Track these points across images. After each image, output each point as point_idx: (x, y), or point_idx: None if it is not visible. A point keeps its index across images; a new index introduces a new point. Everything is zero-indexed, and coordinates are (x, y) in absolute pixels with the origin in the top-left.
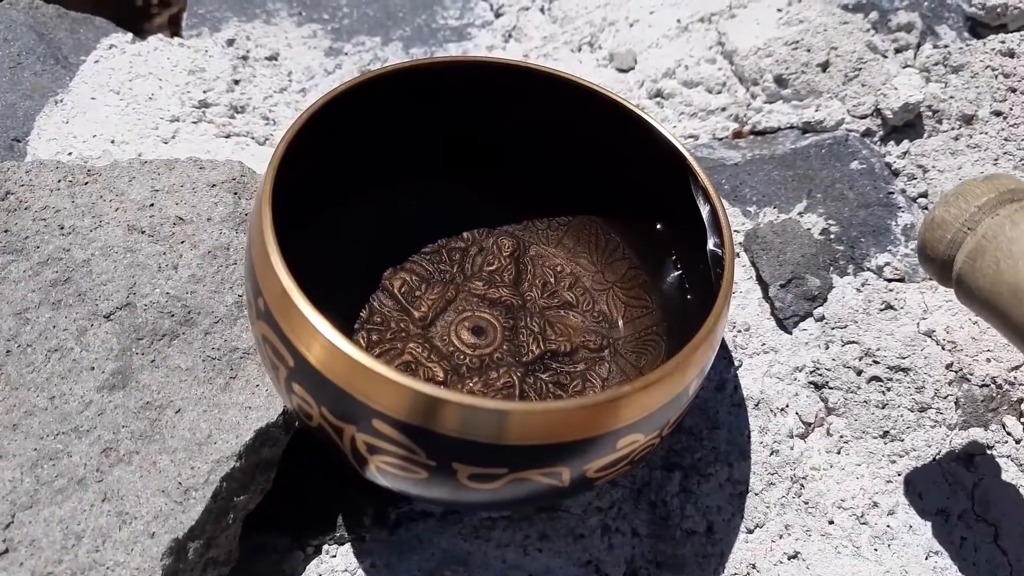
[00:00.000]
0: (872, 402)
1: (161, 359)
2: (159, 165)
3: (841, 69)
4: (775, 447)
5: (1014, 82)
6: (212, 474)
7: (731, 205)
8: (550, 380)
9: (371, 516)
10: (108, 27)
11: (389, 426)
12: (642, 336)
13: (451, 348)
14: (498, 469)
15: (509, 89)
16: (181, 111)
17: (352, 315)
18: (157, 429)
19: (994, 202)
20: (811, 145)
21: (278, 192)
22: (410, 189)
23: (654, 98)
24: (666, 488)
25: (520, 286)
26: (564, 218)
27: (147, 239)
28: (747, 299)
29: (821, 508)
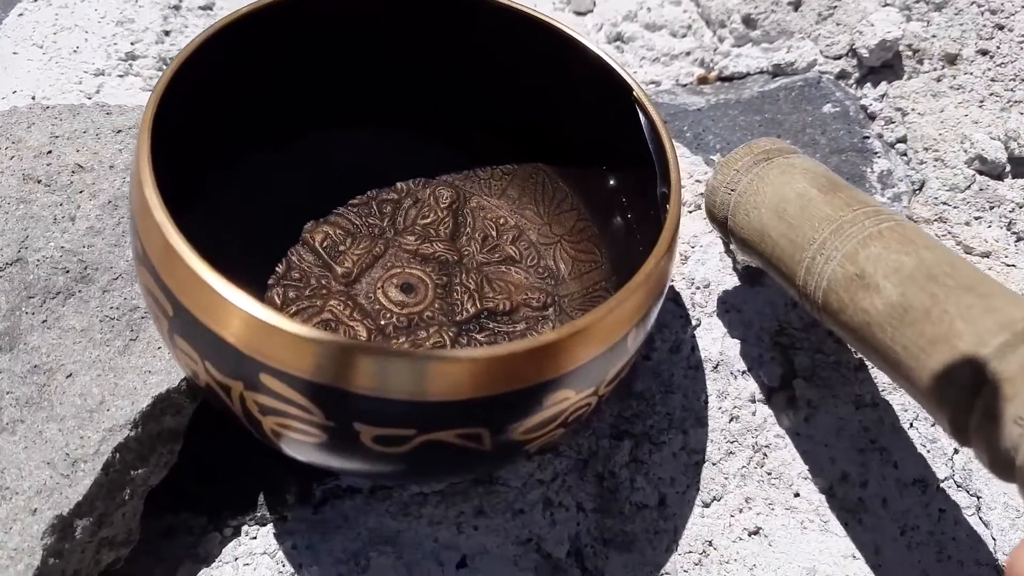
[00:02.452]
0: (843, 363)
1: (54, 319)
2: (62, 110)
3: (814, 7)
4: (735, 413)
5: (1001, 18)
6: (103, 444)
7: (692, 153)
8: (485, 340)
9: (294, 494)
10: None
11: (279, 381)
12: (590, 292)
13: (377, 306)
14: (405, 430)
15: (440, 19)
16: (107, 64)
17: (268, 270)
18: (45, 395)
19: (749, 163)
20: (780, 88)
21: (164, 128)
22: (339, 136)
23: (614, 42)
24: (614, 458)
25: (457, 240)
26: (509, 166)
27: (43, 189)
28: (707, 254)
29: (785, 479)
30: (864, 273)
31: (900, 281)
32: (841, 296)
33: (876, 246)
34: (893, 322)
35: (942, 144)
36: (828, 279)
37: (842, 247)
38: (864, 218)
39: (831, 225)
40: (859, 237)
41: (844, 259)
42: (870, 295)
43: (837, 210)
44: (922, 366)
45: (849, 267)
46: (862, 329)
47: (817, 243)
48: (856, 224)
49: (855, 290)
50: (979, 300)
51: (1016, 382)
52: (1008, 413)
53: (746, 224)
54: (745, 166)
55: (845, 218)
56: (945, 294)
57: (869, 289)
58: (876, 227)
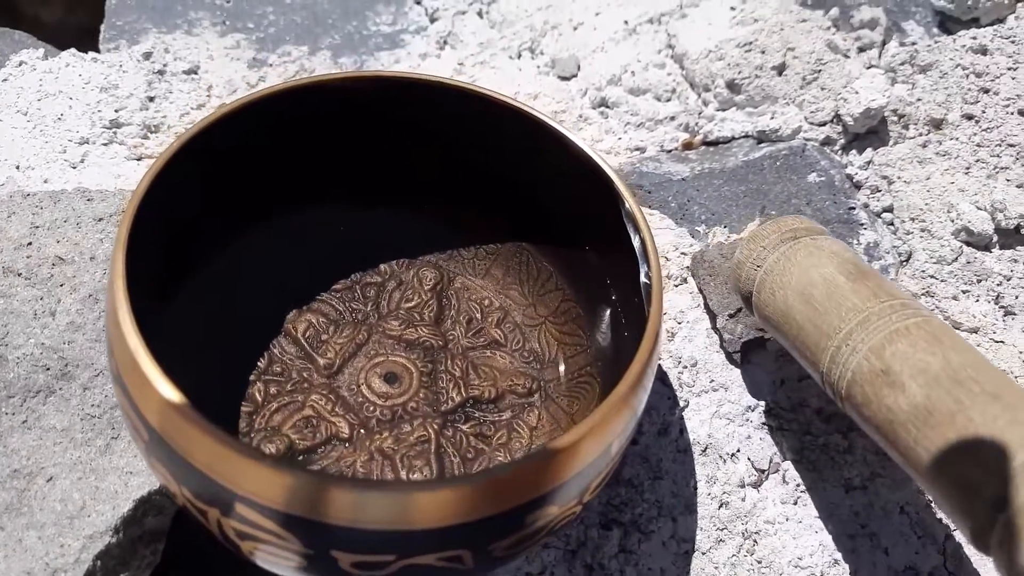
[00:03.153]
0: (832, 446)
1: (34, 419)
2: (42, 198)
3: (799, 72)
4: (724, 499)
5: (986, 82)
6: (84, 552)
7: (678, 225)
8: (471, 431)
9: None
10: (26, 41)
11: (255, 512)
12: (576, 377)
13: (359, 399)
14: (385, 556)
15: (421, 106)
16: (91, 132)
17: (249, 365)
18: (25, 501)
19: (776, 241)
20: (765, 156)
21: (144, 232)
22: (322, 219)
23: (598, 107)
24: (603, 549)
25: (442, 324)
26: (492, 246)
27: (23, 282)
28: (694, 330)
29: (776, 567)
30: (890, 370)
31: (926, 383)
32: (865, 390)
33: (903, 343)
34: (917, 423)
35: (928, 214)
36: (853, 371)
37: (868, 340)
38: (891, 312)
39: (858, 316)
40: (886, 332)
41: (870, 352)
42: (895, 393)
43: (864, 300)
44: (945, 473)
45: (875, 362)
46: (885, 426)
47: (843, 333)
48: (883, 318)
49: (880, 386)
50: (1005, 411)
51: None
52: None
53: (771, 303)
54: (772, 243)
55: (872, 310)
56: (971, 400)
57: (895, 387)
58: (903, 322)
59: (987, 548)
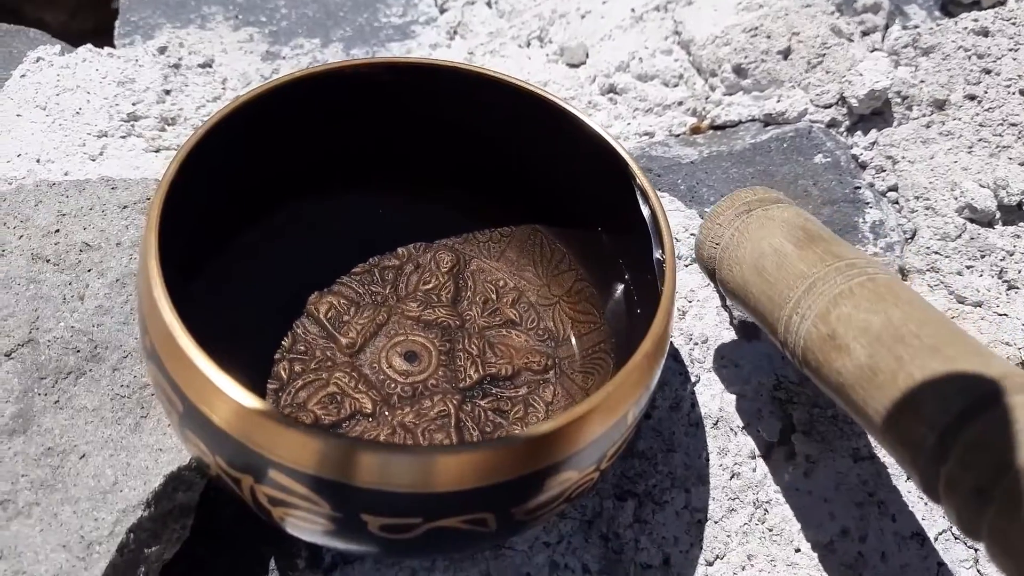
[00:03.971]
0: (840, 417)
1: (66, 399)
2: (68, 187)
3: (804, 56)
4: (736, 470)
5: (988, 63)
6: (117, 525)
7: (687, 206)
8: (489, 407)
9: (305, 558)
10: (41, 38)
11: (287, 477)
12: (590, 354)
13: (381, 376)
14: (412, 519)
15: (434, 91)
16: (109, 125)
17: (274, 344)
18: (59, 477)
19: (731, 217)
20: (772, 139)
21: (172, 217)
22: (339, 205)
23: (607, 94)
24: (618, 519)
25: (459, 305)
26: (507, 228)
27: (52, 268)
28: (705, 308)
29: (787, 535)
30: (835, 334)
31: (868, 342)
32: (817, 356)
33: (847, 305)
34: (864, 384)
35: (932, 192)
36: (804, 338)
37: (815, 306)
38: (836, 274)
39: (804, 283)
40: (830, 296)
41: (817, 319)
42: (841, 356)
43: (811, 266)
44: (892, 430)
45: (822, 327)
46: (837, 390)
47: (792, 301)
48: (828, 281)
49: (828, 351)
50: (943, 364)
51: (974, 450)
52: (967, 483)
53: (730, 279)
54: (727, 219)
55: (818, 275)
56: (911, 356)
57: (840, 350)
58: (847, 284)
59: (937, 499)
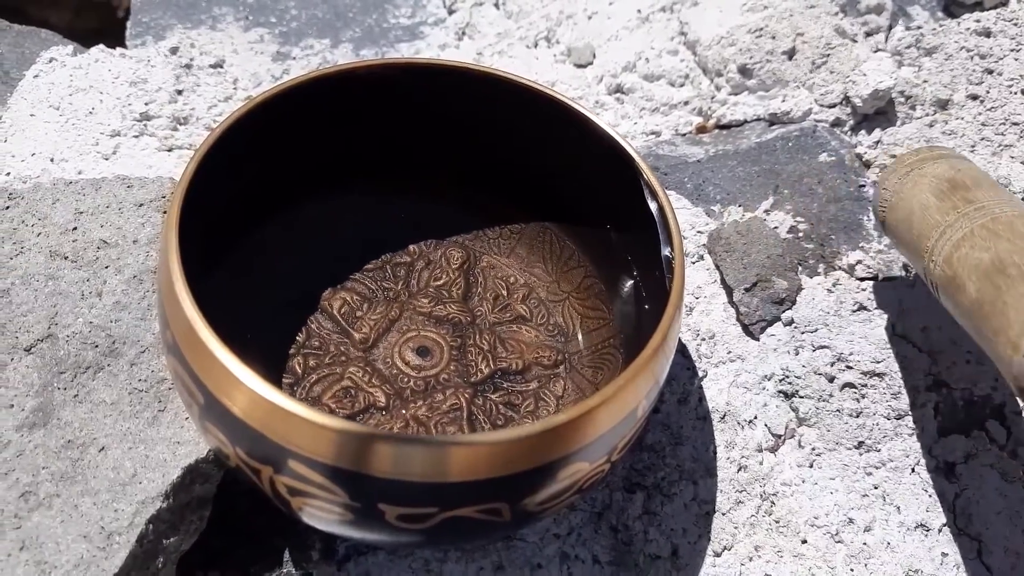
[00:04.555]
0: (845, 411)
1: (84, 393)
2: (84, 185)
3: (808, 56)
4: (743, 462)
5: (991, 63)
6: (137, 516)
7: (694, 204)
8: (501, 400)
9: (319, 550)
10: (53, 39)
11: (307, 467)
12: (599, 349)
13: (394, 371)
14: (428, 508)
15: (445, 92)
16: (122, 125)
17: (288, 339)
18: (79, 469)
19: (894, 181)
20: (777, 138)
21: (190, 215)
22: (352, 203)
23: (614, 94)
24: (628, 511)
25: (470, 301)
26: (517, 226)
27: (70, 265)
28: (711, 304)
29: (793, 527)
30: (956, 275)
31: (978, 278)
32: (946, 299)
33: (965, 247)
34: (975, 318)
35: None
36: (936, 283)
37: (942, 252)
38: (964, 219)
39: (938, 231)
40: (954, 240)
41: (944, 263)
42: (959, 295)
43: (944, 215)
44: (995, 357)
45: (947, 270)
46: (966, 327)
47: (929, 250)
48: (956, 227)
49: (952, 291)
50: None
51: None
52: None
53: (893, 238)
54: (891, 183)
55: (949, 222)
56: (1008, 285)
57: (959, 290)
58: (970, 226)
59: None
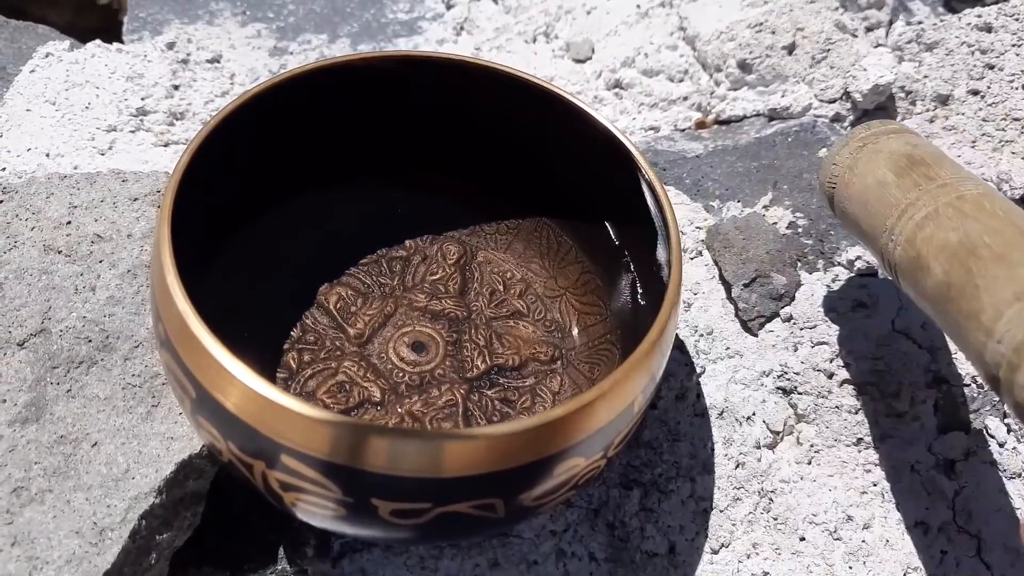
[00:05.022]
0: (844, 407)
1: (78, 388)
2: (79, 179)
3: (808, 51)
4: (741, 459)
5: (991, 58)
6: (130, 512)
7: (692, 200)
8: (496, 396)
9: (313, 547)
10: (49, 34)
11: (299, 462)
12: (596, 345)
13: (389, 366)
14: (422, 504)
15: (443, 85)
16: (118, 120)
17: (283, 334)
18: (72, 464)
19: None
20: (777, 133)
21: (184, 208)
22: (347, 197)
23: (612, 89)
24: (624, 507)
25: (466, 296)
26: (513, 221)
27: (64, 259)
28: (710, 300)
29: (791, 524)
30: (919, 255)
31: (946, 259)
32: (907, 280)
33: (931, 226)
34: (941, 300)
35: None
36: (896, 264)
37: (904, 231)
38: (927, 197)
39: (898, 209)
40: (917, 219)
41: (906, 243)
42: (924, 276)
43: (905, 192)
44: (964, 343)
45: (909, 251)
46: (927, 310)
47: (888, 229)
48: (918, 205)
49: (914, 272)
50: (1006, 270)
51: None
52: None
53: (844, 216)
54: (842, 158)
55: (910, 200)
56: (979, 267)
57: (923, 270)
58: (935, 205)
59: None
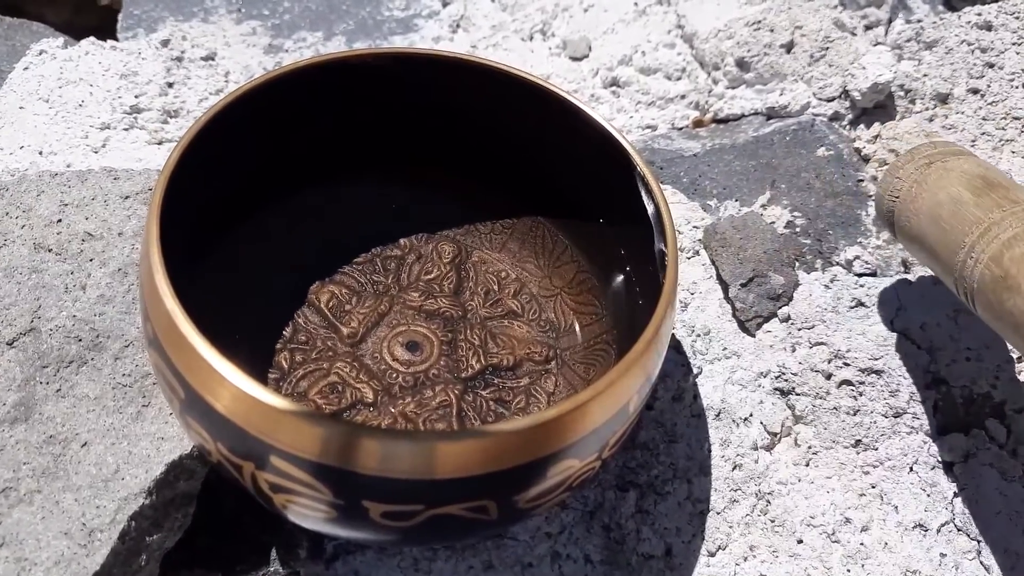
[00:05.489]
0: (843, 408)
1: (67, 388)
2: (70, 177)
3: (806, 49)
4: (738, 461)
5: (991, 57)
6: (119, 513)
7: (690, 199)
8: (491, 397)
9: (306, 549)
10: (44, 32)
11: (289, 464)
12: (591, 345)
13: (383, 366)
14: (413, 506)
15: (438, 83)
16: (112, 118)
17: (275, 334)
18: (61, 465)
19: (910, 171)
20: (774, 132)
21: (174, 206)
22: (341, 195)
23: (610, 87)
24: (620, 509)
25: (461, 295)
26: (508, 220)
27: (54, 258)
28: (707, 300)
29: (789, 526)
30: (1008, 275)
31: None
32: (989, 298)
33: (1021, 246)
34: None
35: None
36: (978, 281)
37: (988, 249)
38: (1012, 218)
39: (979, 227)
40: (1004, 238)
41: (990, 261)
42: (1014, 296)
43: (987, 212)
44: None
45: (995, 269)
46: (1011, 329)
47: (967, 246)
48: (1003, 225)
49: (1000, 291)
50: None
51: None
52: None
53: (908, 229)
54: (907, 173)
55: (993, 219)
56: None
57: (1012, 291)
58: (1022, 227)
59: None
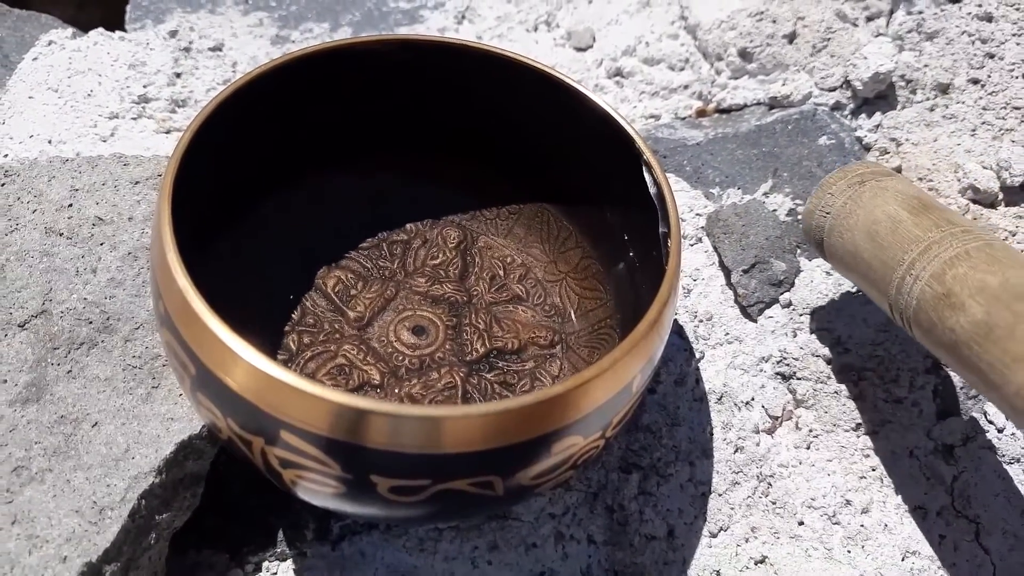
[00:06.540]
0: (843, 393)
1: (78, 369)
2: (80, 163)
3: (809, 40)
4: (740, 444)
5: (992, 47)
6: (129, 491)
7: (693, 187)
8: (496, 380)
9: (313, 530)
10: (52, 23)
11: (298, 437)
12: (596, 329)
13: (389, 349)
14: (421, 481)
15: (444, 70)
16: (120, 107)
17: (283, 317)
18: (72, 444)
19: (843, 187)
20: (777, 121)
21: (183, 188)
22: (347, 180)
23: (613, 77)
24: (624, 491)
25: (466, 280)
26: (514, 206)
27: (65, 242)
28: (709, 286)
29: (790, 508)
30: (951, 292)
31: (986, 300)
32: (930, 315)
33: (963, 266)
34: (979, 339)
35: (936, 174)
36: (917, 298)
37: (929, 267)
38: (952, 238)
39: (920, 246)
40: (946, 257)
41: (931, 279)
42: (956, 314)
43: (926, 231)
44: (1007, 382)
45: (937, 287)
46: (950, 347)
47: (906, 264)
48: (944, 244)
49: (942, 309)
50: None
51: None
52: None
53: (840, 245)
54: (839, 190)
55: (933, 239)
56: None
57: (955, 308)
58: (963, 247)
59: None
